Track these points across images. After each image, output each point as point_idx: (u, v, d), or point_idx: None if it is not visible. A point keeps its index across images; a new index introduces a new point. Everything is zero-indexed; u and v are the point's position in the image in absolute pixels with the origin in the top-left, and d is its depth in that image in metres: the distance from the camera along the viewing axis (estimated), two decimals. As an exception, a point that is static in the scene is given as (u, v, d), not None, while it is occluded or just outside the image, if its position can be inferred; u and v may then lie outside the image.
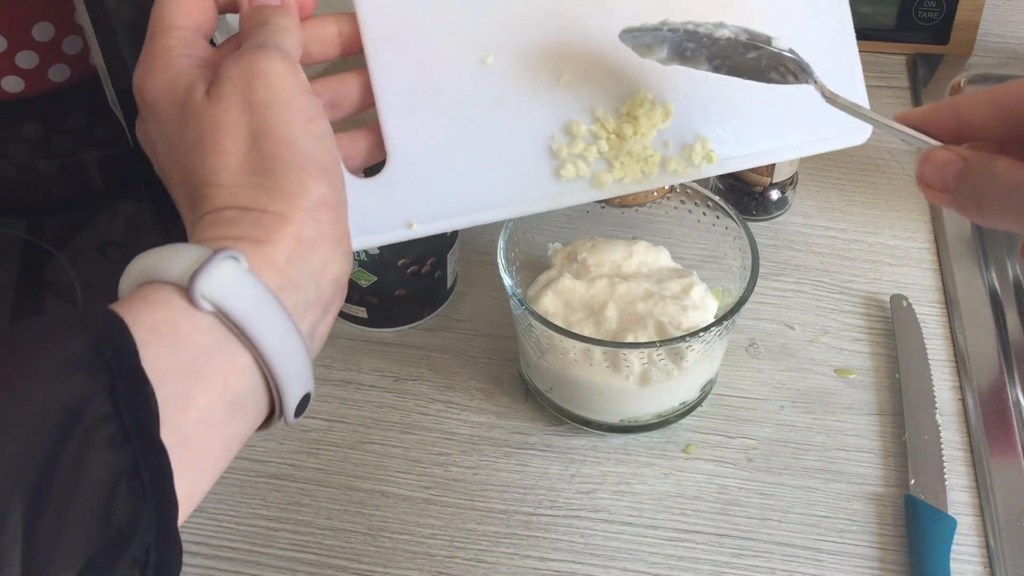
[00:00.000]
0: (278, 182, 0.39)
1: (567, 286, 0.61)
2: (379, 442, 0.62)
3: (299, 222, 0.39)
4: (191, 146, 0.40)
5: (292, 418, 0.39)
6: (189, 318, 0.36)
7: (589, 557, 0.57)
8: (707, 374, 0.61)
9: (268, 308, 0.37)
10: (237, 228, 0.39)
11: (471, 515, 0.59)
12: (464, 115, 0.48)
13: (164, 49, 0.42)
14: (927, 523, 0.56)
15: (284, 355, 0.37)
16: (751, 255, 0.59)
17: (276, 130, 0.40)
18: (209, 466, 0.36)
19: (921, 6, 0.88)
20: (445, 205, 0.48)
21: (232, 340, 0.36)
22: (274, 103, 0.40)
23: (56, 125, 0.86)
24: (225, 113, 0.40)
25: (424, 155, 0.47)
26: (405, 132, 0.47)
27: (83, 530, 0.30)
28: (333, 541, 0.58)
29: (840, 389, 0.64)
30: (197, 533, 0.58)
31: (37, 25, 0.82)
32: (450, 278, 0.69)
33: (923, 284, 0.70)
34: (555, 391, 0.61)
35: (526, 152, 0.48)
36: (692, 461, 0.61)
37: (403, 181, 0.47)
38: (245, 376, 0.37)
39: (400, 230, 0.48)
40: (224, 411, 0.36)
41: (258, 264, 0.38)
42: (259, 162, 0.40)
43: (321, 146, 0.41)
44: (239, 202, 0.39)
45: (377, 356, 0.67)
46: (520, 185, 0.48)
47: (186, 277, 0.36)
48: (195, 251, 0.37)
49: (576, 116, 0.48)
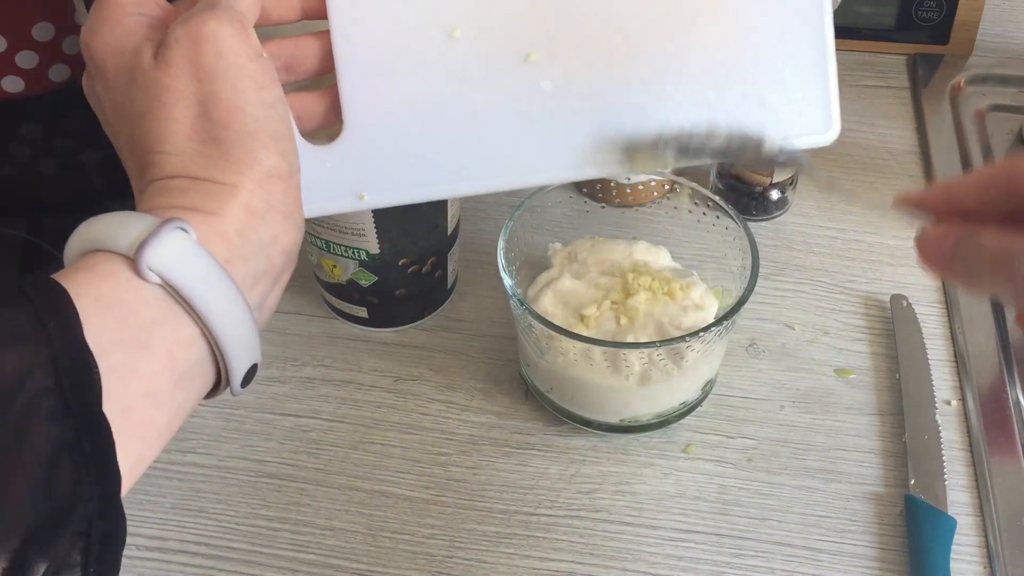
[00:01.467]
0: (228, 151, 0.39)
1: (567, 286, 0.61)
2: (379, 442, 0.62)
3: (249, 193, 0.39)
4: (139, 112, 0.40)
5: (239, 388, 0.39)
6: (134, 289, 0.35)
7: (589, 557, 0.57)
8: (707, 374, 0.61)
9: (216, 280, 0.37)
10: (186, 198, 0.38)
11: (471, 515, 0.59)
12: (426, 88, 0.46)
13: (114, 5, 0.41)
14: (927, 523, 0.56)
15: (231, 327, 0.37)
16: (751, 255, 0.59)
17: (225, 97, 0.39)
18: (154, 437, 0.36)
19: (921, 6, 0.88)
20: (398, 178, 0.47)
21: (178, 311, 0.36)
22: (223, 69, 0.39)
23: (56, 125, 0.86)
24: (173, 79, 0.39)
25: (381, 126, 0.46)
26: (364, 101, 0.46)
27: (24, 501, 0.30)
28: (333, 541, 0.58)
29: (840, 389, 0.64)
30: (197, 533, 0.58)
31: (37, 25, 0.81)
32: (450, 278, 0.69)
33: (923, 284, 0.70)
34: (555, 391, 0.61)
35: (485, 130, 0.47)
36: (692, 461, 0.61)
37: (358, 151, 0.46)
38: (191, 347, 0.36)
39: (350, 200, 0.47)
40: (170, 382, 0.36)
41: (207, 235, 0.38)
42: (208, 130, 0.39)
43: (272, 114, 0.40)
44: (188, 171, 0.39)
45: (377, 356, 0.67)
46: (476, 163, 0.47)
47: (133, 248, 0.35)
48: (143, 221, 0.36)
49: (538, 94, 0.47)
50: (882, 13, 0.89)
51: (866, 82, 0.88)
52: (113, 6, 0.41)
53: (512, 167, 0.48)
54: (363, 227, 0.61)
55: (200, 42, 0.39)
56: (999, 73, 0.87)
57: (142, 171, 0.40)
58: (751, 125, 0.45)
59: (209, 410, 0.64)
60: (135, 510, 0.59)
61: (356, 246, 0.62)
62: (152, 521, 0.58)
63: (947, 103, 0.85)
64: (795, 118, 0.48)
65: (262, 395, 0.65)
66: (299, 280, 0.72)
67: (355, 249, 0.63)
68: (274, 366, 0.67)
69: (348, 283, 0.65)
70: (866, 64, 0.90)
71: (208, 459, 0.61)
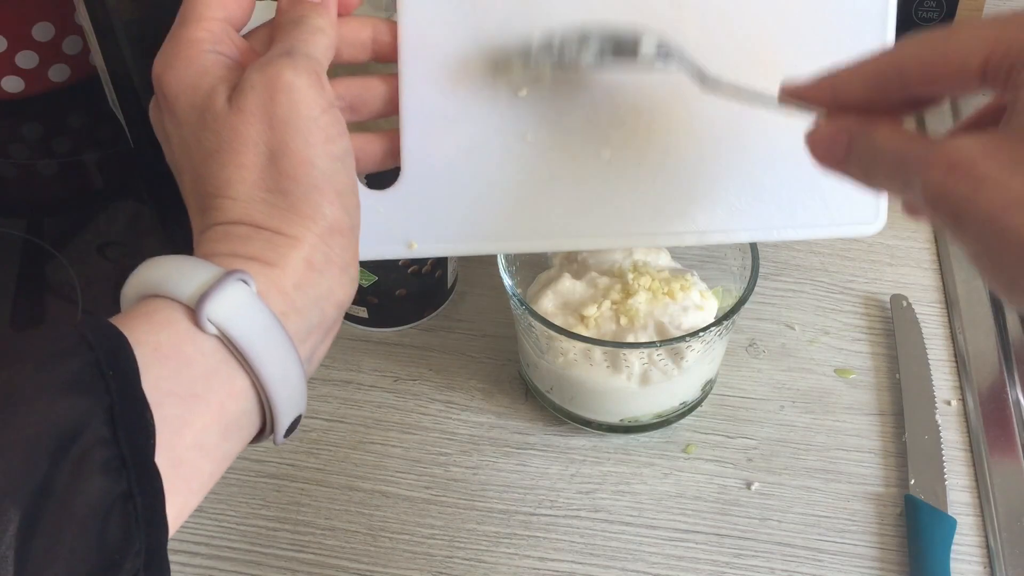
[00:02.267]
0: (293, 204, 0.39)
1: (567, 286, 0.61)
2: (379, 442, 0.62)
3: (310, 247, 0.39)
4: (208, 153, 0.39)
5: (282, 439, 0.39)
6: (192, 340, 0.35)
7: (589, 557, 0.57)
8: (707, 374, 0.61)
9: (271, 334, 0.37)
10: (248, 247, 0.38)
11: (471, 515, 0.59)
12: (487, 144, 0.47)
13: (190, 41, 0.40)
14: (927, 523, 0.56)
15: (282, 381, 0.37)
16: (751, 255, 0.59)
17: (296, 149, 0.39)
18: (199, 487, 0.35)
19: (921, 6, 0.88)
20: (448, 230, 0.47)
21: (232, 363, 0.36)
22: (295, 120, 0.39)
23: (56, 125, 0.86)
24: (246, 126, 0.39)
25: (438, 176, 0.47)
26: (424, 149, 0.46)
27: (76, 553, 0.30)
28: (333, 541, 0.58)
29: (840, 389, 0.64)
30: (197, 533, 0.58)
31: (37, 25, 0.82)
32: (450, 278, 0.69)
33: (923, 284, 0.71)
34: (555, 391, 0.61)
35: (539, 192, 0.48)
36: (692, 461, 0.61)
37: (412, 199, 0.47)
38: (241, 399, 0.36)
39: (399, 247, 0.47)
40: (218, 433, 0.36)
41: (266, 288, 0.37)
42: (276, 180, 0.39)
43: (340, 167, 0.40)
44: (252, 219, 0.39)
45: (377, 356, 0.67)
46: (524, 223, 0.48)
47: (195, 298, 0.35)
48: (205, 270, 0.36)
49: (596, 160, 0.47)
50: (882, 13, 0.89)
51: (866, 82, 0.88)
52: (189, 41, 0.40)
53: (560, 230, 0.48)
54: (363, 227, 0.61)
55: (276, 91, 0.39)
56: (999, 73, 0.87)
57: (204, 212, 0.40)
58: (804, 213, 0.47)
59: (209, 410, 0.64)
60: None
61: (356, 246, 0.62)
62: (152, 521, 0.58)
63: (947, 103, 0.85)
64: (846, 206, 0.48)
65: (262, 395, 0.65)
66: (299, 280, 0.72)
67: (355, 249, 0.63)
68: (274, 366, 0.67)
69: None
70: (866, 64, 0.90)
71: (208, 459, 0.61)
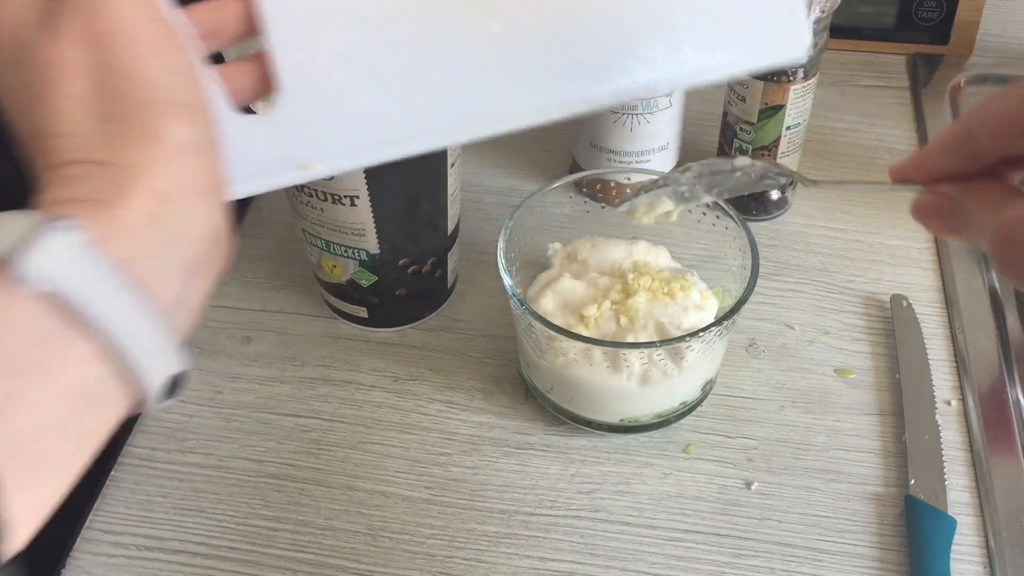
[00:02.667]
0: (132, 127, 0.34)
1: (567, 286, 0.61)
2: (379, 442, 0.62)
3: (156, 173, 0.34)
4: (31, 92, 0.35)
5: (158, 403, 0.34)
6: (13, 305, 0.30)
7: (589, 557, 0.57)
8: (707, 374, 0.61)
9: (112, 285, 0.32)
10: (82, 188, 0.33)
11: (471, 515, 0.59)
12: (362, 40, 0.42)
13: None
14: (927, 523, 0.56)
15: (135, 337, 0.32)
16: (751, 255, 0.59)
17: (123, 65, 0.34)
18: (58, 471, 0.31)
19: (921, 6, 0.88)
20: (344, 142, 0.43)
21: (69, 325, 0.31)
22: (118, 34, 0.34)
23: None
24: (63, 49, 0.34)
25: (318, 86, 0.42)
26: (296, 60, 0.42)
27: None
28: (333, 541, 0.58)
29: (840, 389, 0.64)
30: (197, 533, 0.58)
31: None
32: (450, 278, 0.69)
33: (923, 284, 0.71)
34: (555, 391, 0.61)
35: (431, 80, 0.43)
36: (692, 461, 0.61)
37: (296, 116, 0.42)
38: (90, 365, 0.32)
39: (291, 172, 0.42)
40: (68, 408, 0.31)
41: (105, 232, 0.32)
42: (108, 104, 0.34)
43: (180, 79, 0.35)
44: (87, 154, 0.34)
45: (377, 356, 0.67)
46: (426, 117, 0.43)
47: (8, 255, 0.30)
48: (22, 222, 0.31)
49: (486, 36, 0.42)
50: (882, 13, 0.89)
51: (866, 82, 0.88)
52: None
53: (466, 118, 0.44)
54: (363, 227, 0.61)
55: (92, 8, 0.34)
56: (999, 73, 0.87)
57: (37, 159, 0.35)
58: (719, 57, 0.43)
59: (209, 410, 0.64)
60: (135, 510, 0.59)
61: (356, 246, 0.62)
62: (152, 521, 0.58)
63: (947, 103, 0.85)
64: (765, 36, 0.44)
65: (262, 395, 0.65)
66: (299, 280, 0.72)
67: (355, 249, 0.63)
68: (274, 366, 0.67)
69: (348, 283, 0.65)
70: (866, 64, 0.90)
71: (208, 459, 0.61)
